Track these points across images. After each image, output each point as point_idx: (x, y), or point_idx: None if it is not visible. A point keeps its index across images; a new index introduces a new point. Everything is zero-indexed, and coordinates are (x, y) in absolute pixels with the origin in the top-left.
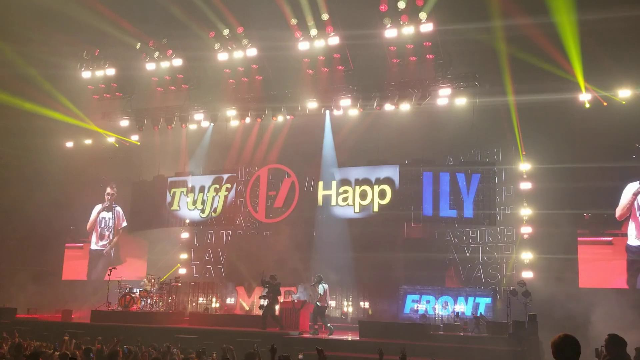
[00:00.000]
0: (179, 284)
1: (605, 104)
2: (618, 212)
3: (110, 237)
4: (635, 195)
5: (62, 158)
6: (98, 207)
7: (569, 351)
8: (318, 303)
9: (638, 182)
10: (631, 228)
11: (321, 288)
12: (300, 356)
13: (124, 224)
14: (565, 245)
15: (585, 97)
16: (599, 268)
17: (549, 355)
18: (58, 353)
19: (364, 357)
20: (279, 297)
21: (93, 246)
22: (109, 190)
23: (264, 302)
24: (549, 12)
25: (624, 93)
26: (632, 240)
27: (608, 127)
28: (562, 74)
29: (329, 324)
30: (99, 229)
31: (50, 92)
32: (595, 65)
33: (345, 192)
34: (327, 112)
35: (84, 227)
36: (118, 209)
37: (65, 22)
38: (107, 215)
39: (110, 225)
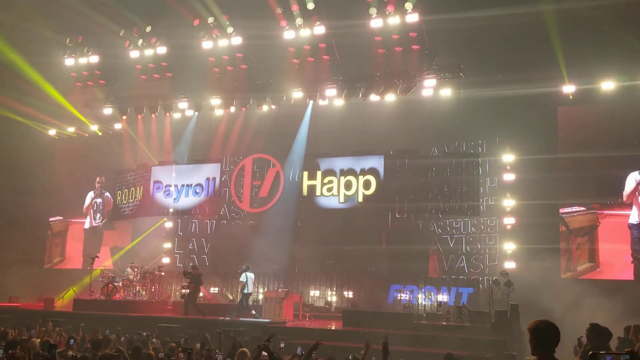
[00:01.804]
0: (162, 273)
1: (588, 96)
2: (625, 197)
3: (101, 218)
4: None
5: (45, 146)
6: (91, 193)
7: (548, 337)
8: (244, 290)
9: (638, 171)
10: (634, 210)
11: (243, 276)
12: (282, 345)
13: (112, 206)
14: (548, 236)
15: (568, 88)
16: (582, 259)
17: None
18: (37, 340)
19: (348, 346)
20: (200, 287)
21: (87, 226)
22: (98, 179)
23: (185, 292)
24: (533, 3)
25: (606, 85)
26: (633, 219)
27: (591, 118)
28: (546, 65)
29: (252, 311)
30: (92, 212)
31: (32, 79)
32: (579, 57)
33: (330, 182)
34: (311, 102)
35: (67, 213)
36: (107, 194)
37: (48, 8)
38: (98, 200)
39: (101, 208)
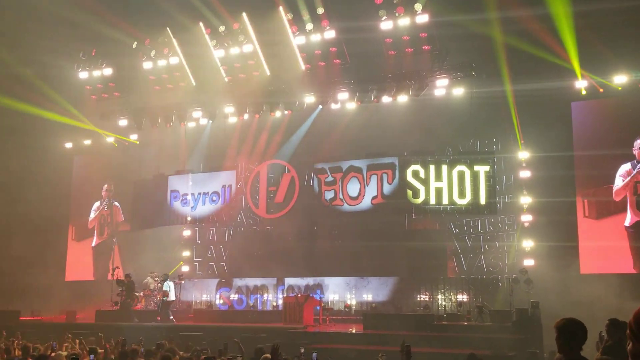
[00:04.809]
0: (182, 282)
1: (601, 90)
2: (614, 194)
3: (110, 232)
4: (627, 175)
5: (61, 158)
6: (96, 204)
7: (575, 335)
8: (165, 298)
9: (629, 163)
10: (628, 211)
11: (166, 285)
12: (302, 349)
13: (122, 218)
14: (566, 232)
15: (581, 84)
16: (600, 254)
17: (551, 341)
18: (54, 354)
19: (368, 350)
20: (133, 294)
21: (94, 243)
22: (105, 187)
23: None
24: (544, 1)
25: (619, 79)
26: (627, 221)
27: (605, 112)
28: (558, 61)
29: (171, 317)
30: (99, 226)
31: (47, 93)
32: (591, 52)
33: (346, 184)
34: (320, 107)
35: (84, 223)
36: (116, 203)
37: (61, 22)
38: (105, 211)
39: (109, 221)
